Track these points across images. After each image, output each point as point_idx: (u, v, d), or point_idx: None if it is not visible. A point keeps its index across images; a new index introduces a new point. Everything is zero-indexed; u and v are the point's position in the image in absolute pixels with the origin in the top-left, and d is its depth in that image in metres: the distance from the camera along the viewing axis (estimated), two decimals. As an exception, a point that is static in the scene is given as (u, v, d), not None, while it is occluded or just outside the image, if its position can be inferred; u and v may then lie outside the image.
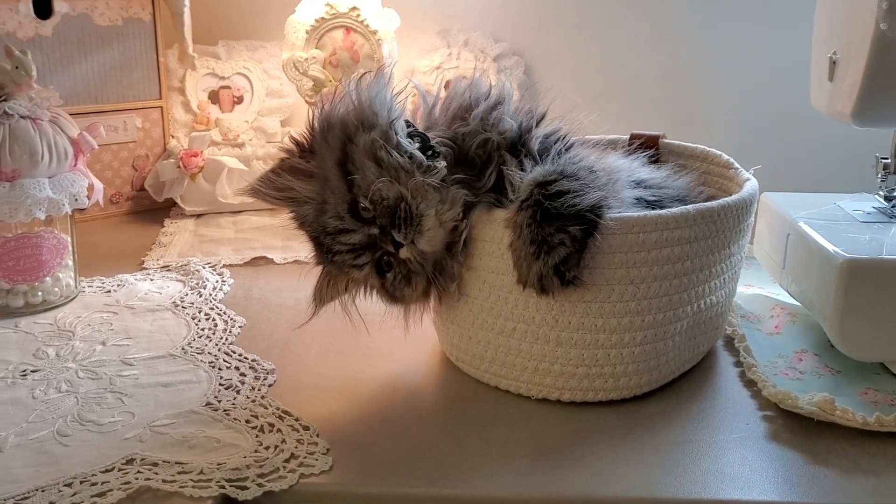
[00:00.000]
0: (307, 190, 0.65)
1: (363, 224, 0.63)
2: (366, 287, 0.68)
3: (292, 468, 0.56)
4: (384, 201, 0.62)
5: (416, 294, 0.66)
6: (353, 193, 0.63)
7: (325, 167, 0.64)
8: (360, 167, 0.62)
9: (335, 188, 0.63)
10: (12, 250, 0.80)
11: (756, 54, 1.20)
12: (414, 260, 0.63)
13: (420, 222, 0.62)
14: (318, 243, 0.67)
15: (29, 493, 0.53)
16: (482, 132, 0.64)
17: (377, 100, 0.64)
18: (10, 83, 0.79)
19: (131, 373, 0.70)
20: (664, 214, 0.61)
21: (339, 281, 0.68)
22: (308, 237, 0.68)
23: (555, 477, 0.57)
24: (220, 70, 1.21)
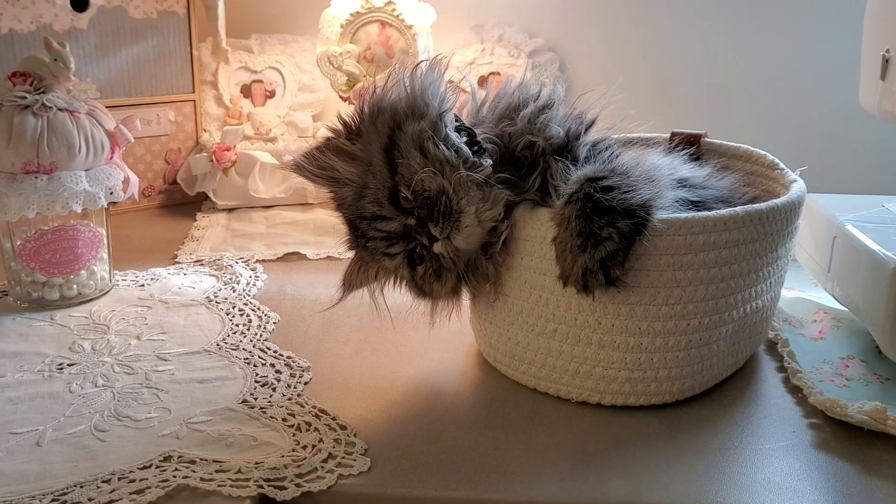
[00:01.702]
0: (349, 172, 0.64)
1: (401, 213, 0.62)
2: (395, 277, 0.67)
3: (330, 468, 0.56)
4: (425, 192, 0.61)
5: (445, 290, 0.65)
6: (395, 181, 0.62)
7: (371, 151, 0.63)
8: (406, 155, 0.61)
9: (378, 173, 0.62)
10: (49, 243, 0.80)
11: (800, 51, 1.18)
12: (447, 256, 0.62)
13: (459, 218, 0.61)
14: (353, 227, 0.66)
15: (67, 489, 0.53)
16: (529, 135, 0.63)
17: (430, 90, 0.63)
18: (49, 76, 0.79)
19: (167, 368, 0.70)
20: (712, 216, 0.60)
21: (370, 268, 0.67)
22: (344, 220, 0.67)
23: (597, 482, 0.55)
24: (253, 64, 1.21)
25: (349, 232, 0.67)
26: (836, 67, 1.15)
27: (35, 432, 0.60)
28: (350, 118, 0.65)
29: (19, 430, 0.60)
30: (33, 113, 0.76)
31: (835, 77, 1.15)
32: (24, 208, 0.76)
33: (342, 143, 0.64)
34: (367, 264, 0.67)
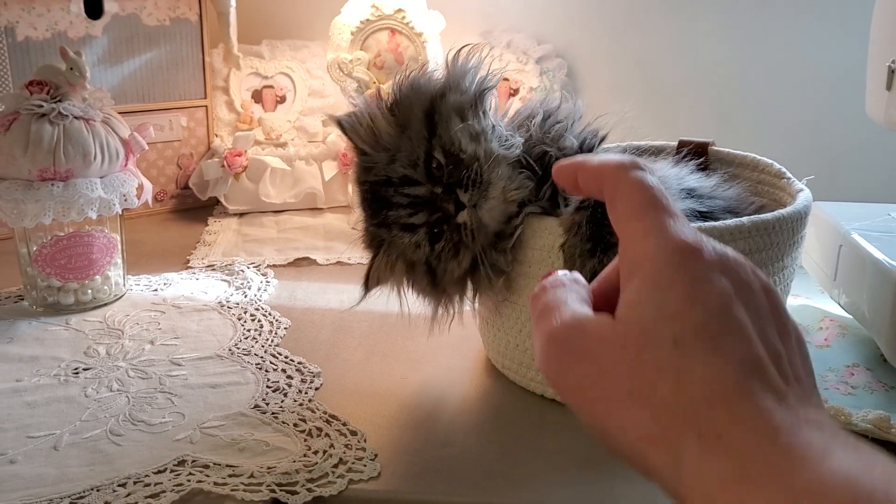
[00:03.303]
0: (388, 134, 0.64)
1: (430, 180, 0.62)
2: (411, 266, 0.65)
3: (341, 473, 0.57)
4: (460, 155, 0.61)
5: (458, 272, 0.64)
6: (432, 143, 0.62)
7: (410, 116, 0.63)
8: (446, 119, 0.62)
9: (415, 136, 0.63)
10: (64, 248, 0.81)
11: (808, 60, 1.19)
12: (468, 228, 0.62)
13: (487, 189, 0.62)
14: (374, 199, 0.64)
15: (84, 493, 0.54)
16: (542, 144, 0.64)
17: (471, 71, 0.65)
18: (65, 84, 0.80)
19: (180, 373, 0.71)
20: (718, 226, 0.61)
21: (390, 262, 0.66)
22: (364, 192, 0.66)
23: (604, 489, 0.56)
24: (264, 70, 1.22)
25: (368, 207, 0.65)
26: (843, 76, 1.15)
27: (52, 436, 0.61)
28: (388, 93, 0.66)
29: (37, 434, 0.61)
30: (50, 121, 0.78)
31: (842, 86, 1.15)
32: (41, 215, 0.78)
33: (382, 109, 0.65)
34: (388, 258, 0.66)
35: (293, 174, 1.17)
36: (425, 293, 0.66)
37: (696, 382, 0.31)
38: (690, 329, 0.32)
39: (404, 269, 0.66)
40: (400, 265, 0.65)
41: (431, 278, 0.65)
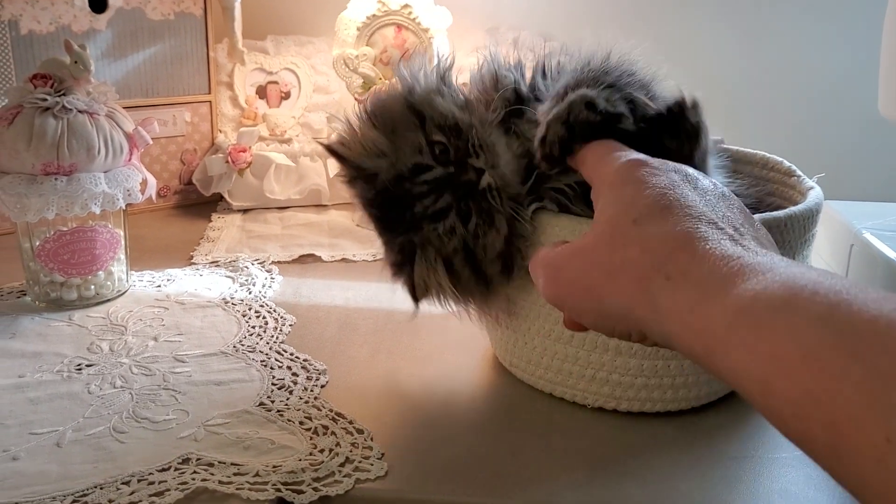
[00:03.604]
0: (379, 141, 0.62)
1: (439, 163, 0.61)
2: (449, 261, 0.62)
3: (348, 473, 0.56)
4: (458, 125, 0.61)
5: (500, 241, 0.61)
6: (426, 129, 0.61)
7: (392, 115, 0.63)
8: (428, 101, 0.62)
9: (406, 129, 0.62)
10: (67, 244, 0.81)
11: (818, 57, 1.18)
12: (494, 188, 0.60)
13: (494, 149, 0.61)
14: (392, 203, 0.61)
15: (88, 490, 0.54)
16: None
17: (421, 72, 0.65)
18: (69, 77, 0.80)
19: (184, 370, 0.70)
20: None
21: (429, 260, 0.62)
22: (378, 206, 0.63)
23: (613, 490, 0.56)
24: (268, 65, 1.21)
25: (387, 218, 0.63)
26: (854, 74, 1.14)
27: (55, 433, 0.60)
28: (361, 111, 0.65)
29: (40, 431, 0.61)
30: (54, 115, 0.77)
31: (853, 84, 1.14)
32: (44, 209, 0.77)
33: (363, 122, 0.64)
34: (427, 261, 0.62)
35: (298, 170, 1.16)
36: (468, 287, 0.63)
37: (657, 242, 0.39)
38: (644, 208, 0.41)
39: (444, 268, 0.62)
40: (440, 265, 0.62)
41: (473, 266, 0.62)
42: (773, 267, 0.35)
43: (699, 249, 0.37)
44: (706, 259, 0.37)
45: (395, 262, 0.63)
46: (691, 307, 0.36)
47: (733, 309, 0.34)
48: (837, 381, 0.29)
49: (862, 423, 0.28)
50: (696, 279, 0.36)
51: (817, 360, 0.30)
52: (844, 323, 0.30)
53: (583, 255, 0.43)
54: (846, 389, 0.29)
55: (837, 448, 0.29)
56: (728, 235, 0.39)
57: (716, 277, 0.36)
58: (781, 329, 0.32)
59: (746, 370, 0.33)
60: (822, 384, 0.30)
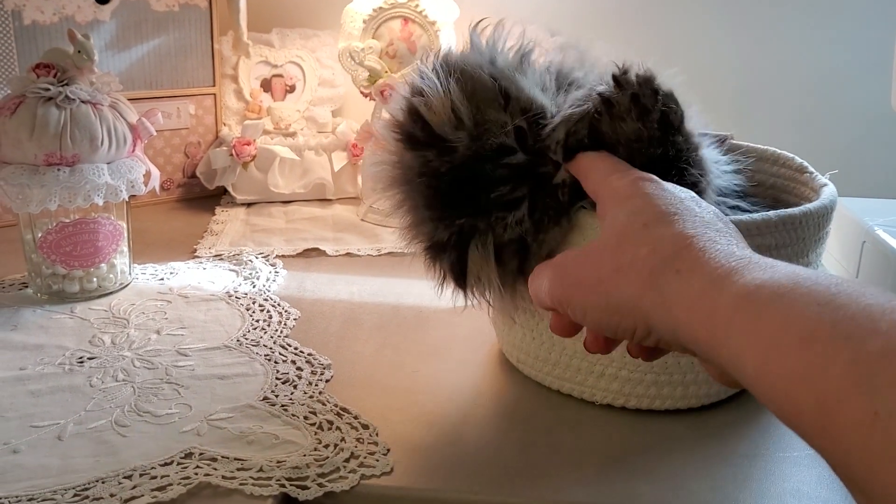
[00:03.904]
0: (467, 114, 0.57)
1: (522, 150, 0.57)
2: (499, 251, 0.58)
3: (353, 468, 0.55)
4: (543, 111, 0.57)
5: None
6: (510, 113, 0.57)
7: (476, 88, 0.57)
8: (512, 82, 0.57)
9: (488, 104, 0.57)
10: (70, 235, 0.80)
11: (830, 53, 1.17)
12: (566, 185, 0.57)
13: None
14: (462, 185, 0.57)
15: (89, 485, 0.53)
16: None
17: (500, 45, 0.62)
18: (72, 67, 0.79)
19: (187, 363, 0.69)
20: (745, 220, 0.58)
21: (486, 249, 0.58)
22: (442, 184, 0.57)
23: (623, 488, 0.55)
24: (273, 58, 1.20)
25: (450, 199, 0.57)
26: (866, 70, 1.13)
27: (56, 426, 0.60)
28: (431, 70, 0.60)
29: (41, 424, 0.60)
30: (56, 105, 0.76)
31: (865, 80, 1.13)
32: (47, 200, 0.76)
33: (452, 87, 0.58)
34: (483, 248, 0.58)
35: (302, 164, 1.15)
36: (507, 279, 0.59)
37: (666, 243, 0.42)
38: (653, 215, 0.44)
39: (495, 257, 0.58)
40: (491, 254, 0.58)
41: (521, 259, 0.58)
42: (777, 264, 0.37)
43: (708, 249, 0.40)
44: (715, 256, 0.39)
45: (439, 242, 0.59)
46: (699, 295, 0.38)
47: (739, 295, 0.36)
48: (829, 360, 0.31)
49: (849, 400, 0.29)
50: (704, 271, 0.39)
51: (813, 341, 0.31)
52: (842, 308, 0.32)
53: (592, 255, 0.45)
54: (836, 368, 0.30)
55: (826, 425, 0.31)
56: (735, 242, 0.41)
57: (723, 270, 0.38)
58: (782, 313, 0.33)
59: (746, 352, 0.34)
60: (814, 363, 0.31)
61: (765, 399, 0.34)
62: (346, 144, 1.16)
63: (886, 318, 0.30)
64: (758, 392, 0.34)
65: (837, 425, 0.30)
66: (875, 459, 0.28)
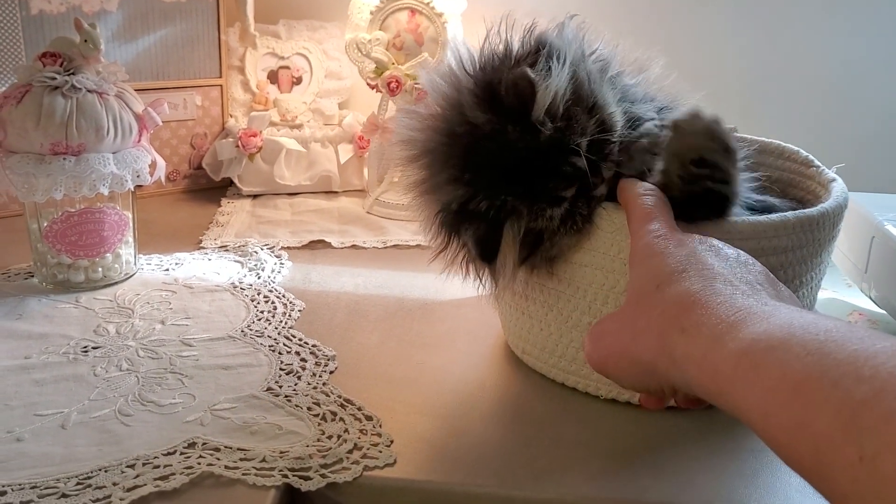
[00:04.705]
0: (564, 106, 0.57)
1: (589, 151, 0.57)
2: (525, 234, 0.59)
3: (356, 459, 0.55)
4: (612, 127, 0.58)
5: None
6: (592, 113, 0.58)
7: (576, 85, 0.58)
8: (600, 92, 0.59)
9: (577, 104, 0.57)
10: (75, 225, 0.80)
11: (837, 47, 1.16)
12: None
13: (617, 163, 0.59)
14: (537, 164, 0.57)
15: (92, 473, 0.53)
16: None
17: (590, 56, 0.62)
18: (78, 56, 0.79)
19: (191, 353, 0.69)
20: (762, 221, 0.57)
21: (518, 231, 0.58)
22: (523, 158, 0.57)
23: (628, 482, 0.54)
24: (280, 50, 1.20)
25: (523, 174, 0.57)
26: (875, 64, 1.12)
27: (60, 415, 0.60)
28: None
29: (45, 412, 0.60)
30: (63, 94, 0.76)
31: (874, 74, 1.12)
32: (52, 189, 0.76)
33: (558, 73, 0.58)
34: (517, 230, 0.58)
35: (308, 156, 1.15)
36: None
37: (673, 301, 0.44)
38: (665, 276, 0.46)
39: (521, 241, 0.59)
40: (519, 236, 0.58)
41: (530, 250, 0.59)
42: (776, 312, 0.39)
43: (711, 304, 0.42)
44: (717, 311, 0.41)
45: (475, 213, 0.58)
46: (704, 354, 0.40)
47: (738, 352, 0.38)
48: (820, 408, 0.33)
49: (838, 445, 0.32)
50: (706, 330, 0.41)
51: (805, 390, 0.34)
52: (830, 356, 0.34)
53: (616, 321, 0.48)
54: (827, 415, 0.32)
55: (821, 469, 0.33)
56: (741, 291, 0.43)
57: (724, 326, 0.40)
58: (776, 365, 0.36)
59: (750, 404, 0.37)
60: (808, 411, 0.33)
61: (773, 447, 0.36)
62: (353, 137, 1.16)
63: (870, 363, 0.32)
64: (766, 441, 0.36)
65: (832, 469, 0.32)
66: (864, 501, 0.31)
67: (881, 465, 0.30)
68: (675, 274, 0.46)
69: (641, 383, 0.47)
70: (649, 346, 0.45)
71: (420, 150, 0.61)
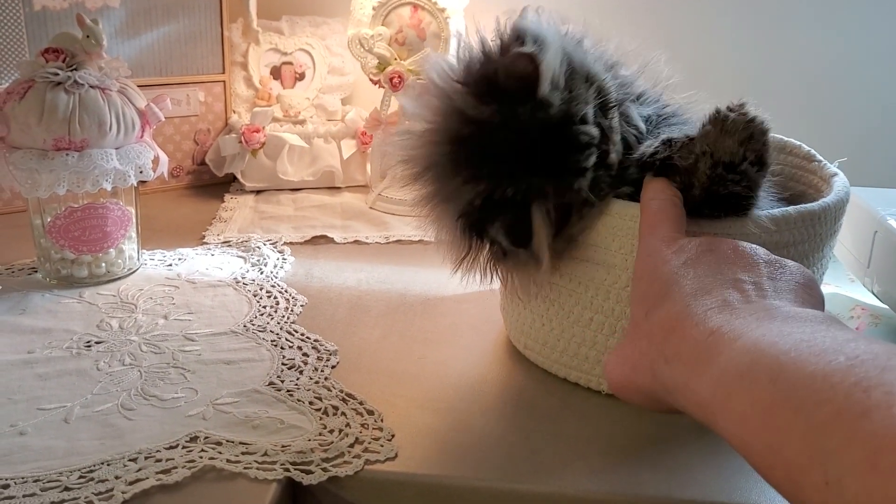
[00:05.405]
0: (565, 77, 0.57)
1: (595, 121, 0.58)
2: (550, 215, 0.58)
3: (357, 454, 0.55)
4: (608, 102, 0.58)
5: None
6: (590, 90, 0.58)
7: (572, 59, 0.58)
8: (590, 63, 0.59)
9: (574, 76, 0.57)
10: (78, 220, 0.80)
11: (839, 42, 1.15)
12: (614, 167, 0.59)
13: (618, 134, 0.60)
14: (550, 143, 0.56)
15: (95, 467, 0.53)
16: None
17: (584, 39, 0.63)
18: (81, 52, 0.79)
19: (193, 348, 0.69)
20: (764, 216, 0.57)
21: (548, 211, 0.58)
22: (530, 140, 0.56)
23: (628, 477, 0.54)
24: (283, 46, 1.20)
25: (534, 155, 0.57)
26: (877, 58, 1.12)
27: (63, 409, 0.60)
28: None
29: (48, 406, 0.60)
30: (65, 90, 0.76)
31: (876, 68, 1.12)
32: (55, 185, 0.76)
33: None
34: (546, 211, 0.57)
35: (311, 152, 1.15)
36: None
37: (657, 329, 0.45)
38: (651, 301, 0.47)
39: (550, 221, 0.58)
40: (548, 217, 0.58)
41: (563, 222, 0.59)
42: (745, 332, 0.39)
43: (686, 327, 0.43)
44: (692, 336, 0.42)
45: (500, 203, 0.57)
46: (686, 383, 0.41)
47: (712, 382, 0.39)
48: (786, 433, 0.34)
49: (806, 470, 0.32)
50: (685, 359, 0.42)
51: (771, 417, 0.35)
52: (789, 382, 0.35)
53: (619, 354, 0.49)
54: (794, 441, 0.33)
55: (795, 492, 0.34)
56: (721, 301, 0.43)
57: (700, 354, 0.41)
58: (744, 394, 0.37)
59: (730, 432, 0.38)
60: (777, 438, 0.34)
61: (758, 471, 0.37)
62: (356, 132, 1.16)
63: (827, 384, 0.33)
64: (751, 465, 0.38)
65: (804, 492, 0.33)
66: None
67: (846, 489, 0.30)
68: (659, 297, 0.46)
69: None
70: (645, 377, 0.46)
71: (423, 166, 0.60)
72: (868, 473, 0.30)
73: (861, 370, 0.33)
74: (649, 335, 0.46)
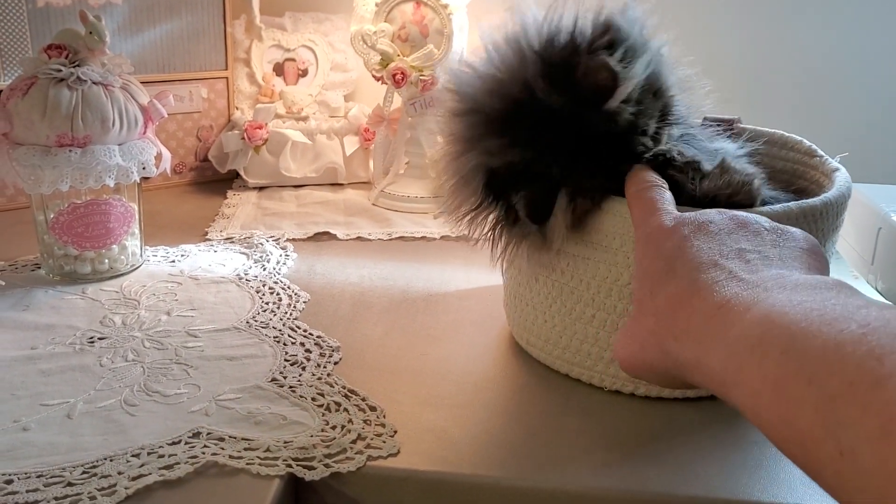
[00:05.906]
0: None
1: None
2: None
3: (359, 450, 0.55)
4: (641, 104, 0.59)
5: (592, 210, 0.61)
6: (658, 105, 0.60)
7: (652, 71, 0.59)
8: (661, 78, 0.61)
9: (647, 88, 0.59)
10: (81, 216, 0.80)
11: (843, 38, 1.15)
12: None
13: None
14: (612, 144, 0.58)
15: (98, 462, 0.53)
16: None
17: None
18: (84, 49, 0.79)
19: (196, 344, 0.70)
20: (765, 212, 0.57)
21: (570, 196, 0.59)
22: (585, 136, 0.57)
23: (632, 472, 0.54)
24: (286, 42, 1.20)
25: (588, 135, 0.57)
26: (880, 54, 1.12)
27: (66, 404, 0.60)
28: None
29: (51, 402, 0.60)
30: (68, 86, 0.76)
31: (879, 64, 1.12)
32: (58, 181, 0.76)
33: None
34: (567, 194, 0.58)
35: (314, 148, 1.15)
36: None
37: (664, 307, 0.44)
38: (655, 279, 0.46)
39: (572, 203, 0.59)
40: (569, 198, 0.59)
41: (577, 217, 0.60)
42: (757, 302, 0.39)
43: (694, 303, 0.42)
44: (700, 311, 0.42)
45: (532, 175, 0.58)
46: (698, 360, 0.41)
47: (723, 357, 0.39)
48: (799, 405, 0.33)
49: (820, 441, 0.32)
50: (695, 335, 0.42)
51: (784, 389, 0.34)
52: (801, 353, 0.34)
53: (627, 334, 0.49)
54: (807, 412, 0.33)
55: (810, 463, 0.34)
56: (727, 272, 0.43)
57: (710, 329, 0.41)
58: (756, 366, 0.36)
59: (744, 404, 0.38)
60: (790, 410, 0.34)
61: (773, 442, 0.37)
62: (358, 129, 1.16)
63: (839, 354, 0.33)
64: (766, 437, 0.37)
65: (818, 464, 0.33)
66: (850, 494, 0.31)
67: (860, 459, 0.30)
68: (663, 275, 0.46)
69: (672, 385, 0.47)
70: (655, 355, 0.46)
71: (471, 107, 0.59)
72: (882, 442, 0.30)
73: (873, 338, 0.32)
74: (656, 313, 0.45)
